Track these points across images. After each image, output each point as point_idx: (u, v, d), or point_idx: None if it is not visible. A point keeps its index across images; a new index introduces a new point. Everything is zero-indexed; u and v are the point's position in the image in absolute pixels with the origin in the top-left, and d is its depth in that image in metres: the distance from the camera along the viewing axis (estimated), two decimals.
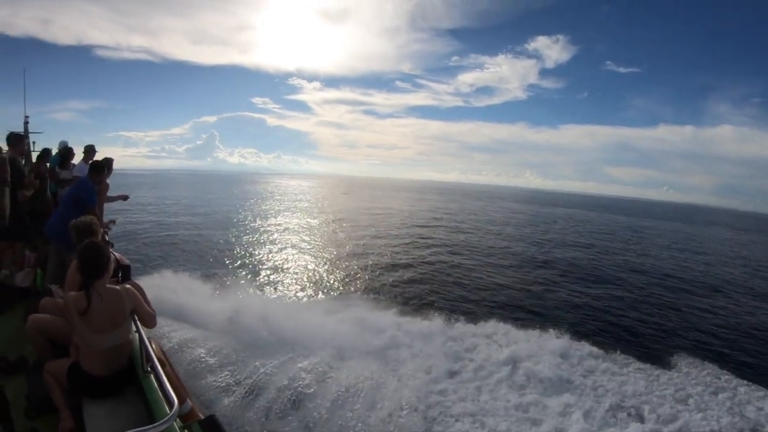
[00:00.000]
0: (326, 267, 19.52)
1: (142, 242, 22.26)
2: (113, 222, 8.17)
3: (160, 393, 3.17)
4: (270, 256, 21.53)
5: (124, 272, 4.37)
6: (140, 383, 3.47)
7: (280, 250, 23.23)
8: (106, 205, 7.47)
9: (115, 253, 4.50)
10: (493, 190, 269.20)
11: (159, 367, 3.17)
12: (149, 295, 3.95)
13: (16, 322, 4.80)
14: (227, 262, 19.39)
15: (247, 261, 19.98)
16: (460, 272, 19.92)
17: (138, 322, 3.58)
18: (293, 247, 24.14)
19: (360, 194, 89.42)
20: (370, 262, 20.43)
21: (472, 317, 12.93)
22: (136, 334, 3.59)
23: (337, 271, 18.72)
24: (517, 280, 19.14)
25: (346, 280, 17.46)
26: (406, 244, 26.89)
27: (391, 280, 17.48)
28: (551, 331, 11.85)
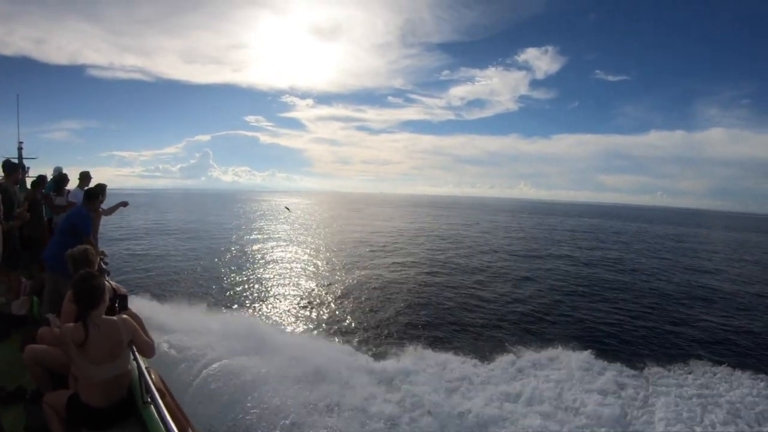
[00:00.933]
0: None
1: (138, 267, 22.10)
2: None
3: (160, 424, 3.12)
4: (269, 282, 21.01)
5: (121, 302, 4.37)
6: (140, 414, 3.44)
7: (283, 276, 22.44)
8: (109, 218, 7.42)
9: (112, 282, 4.51)
10: (490, 202, 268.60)
11: (158, 398, 3.14)
12: (148, 316, 3.93)
13: (12, 351, 4.76)
14: (222, 285, 19.26)
15: (246, 285, 19.72)
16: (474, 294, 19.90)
17: (136, 353, 3.57)
18: (296, 275, 23.04)
19: (361, 212, 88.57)
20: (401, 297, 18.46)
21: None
22: (135, 364, 3.56)
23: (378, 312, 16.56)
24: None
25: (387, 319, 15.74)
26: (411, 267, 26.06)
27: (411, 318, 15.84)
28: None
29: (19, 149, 13.04)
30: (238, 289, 18.77)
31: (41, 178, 9.57)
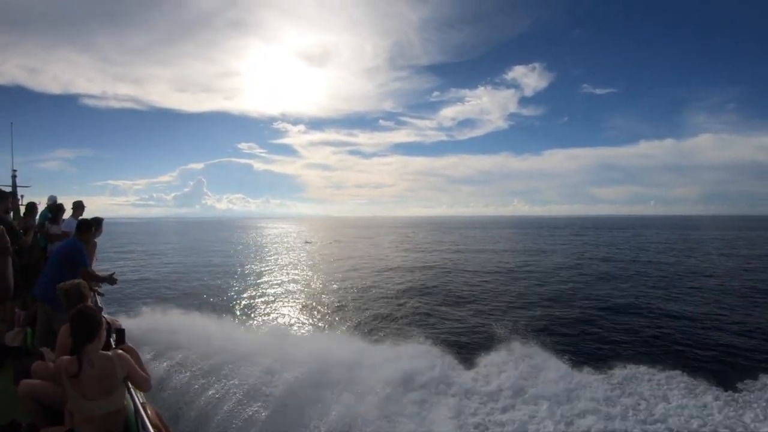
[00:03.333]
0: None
1: (133, 299, 21.33)
2: (114, 279, 6.96)
3: None
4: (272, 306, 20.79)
5: (118, 336, 4.33)
6: None
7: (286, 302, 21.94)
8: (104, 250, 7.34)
9: (107, 317, 4.47)
10: (485, 220, 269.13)
11: None
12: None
13: (6, 384, 4.60)
14: (223, 308, 18.90)
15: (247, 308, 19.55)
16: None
17: (132, 389, 3.51)
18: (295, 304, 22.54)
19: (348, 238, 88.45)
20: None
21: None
22: (131, 400, 3.49)
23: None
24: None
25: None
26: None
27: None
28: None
29: (13, 177, 13.03)
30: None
31: (32, 206, 9.57)
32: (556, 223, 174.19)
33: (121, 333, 4.40)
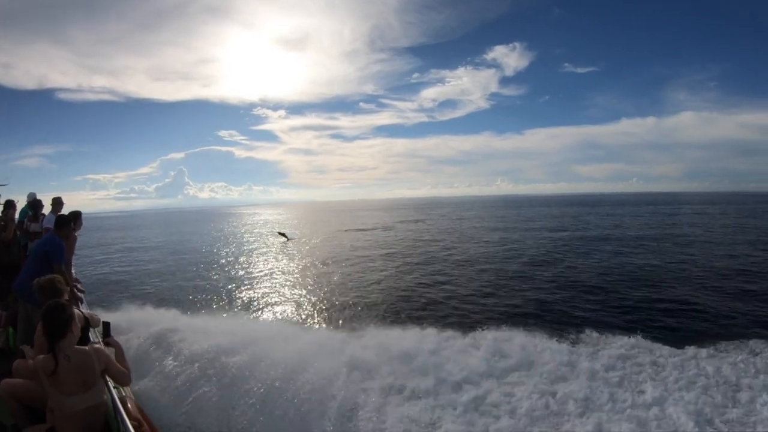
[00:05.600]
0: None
1: (116, 292, 21.03)
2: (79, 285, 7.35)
3: None
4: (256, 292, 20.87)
5: (105, 329, 4.29)
6: None
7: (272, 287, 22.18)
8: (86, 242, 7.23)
9: (84, 311, 4.40)
10: (470, 200, 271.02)
11: (132, 430, 3.01)
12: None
13: None
14: (207, 299, 18.89)
15: (234, 299, 19.38)
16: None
17: (111, 383, 3.50)
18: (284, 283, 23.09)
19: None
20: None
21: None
22: (111, 395, 3.45)
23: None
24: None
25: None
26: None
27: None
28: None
29: None
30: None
31: (9, 203, 9.41)
32: (539, 201, 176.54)
33: (106, 326, 4.33)
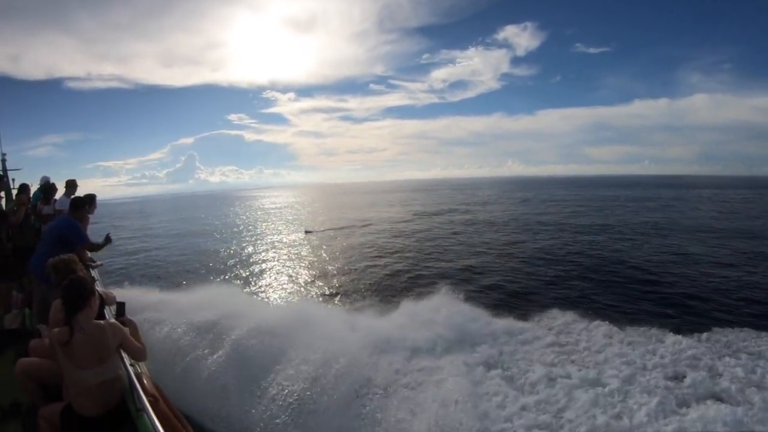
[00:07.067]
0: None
1: (128, 275, 21.53)
2: (109, 239, 7.39)
3: None
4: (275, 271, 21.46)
5: (118, 309, 4.32)
6: (135, 422, 3.34)
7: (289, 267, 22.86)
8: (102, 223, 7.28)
9: (101, 290, 4.42)
10: (483, 182, 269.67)
11: (148, 406, 3.08)
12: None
13: (7, 367, 4.59)
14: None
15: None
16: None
17: (127, 359, 3.51)
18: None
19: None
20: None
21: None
22: (128, 371, 3.49)
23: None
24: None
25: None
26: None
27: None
28: None
29: (3, 161, 12.98)
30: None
31: (24, 186, 9.49)
32: (551, 182, 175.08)
33: (121, 306, 4.36)
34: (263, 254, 26.78)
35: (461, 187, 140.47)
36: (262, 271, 21.42)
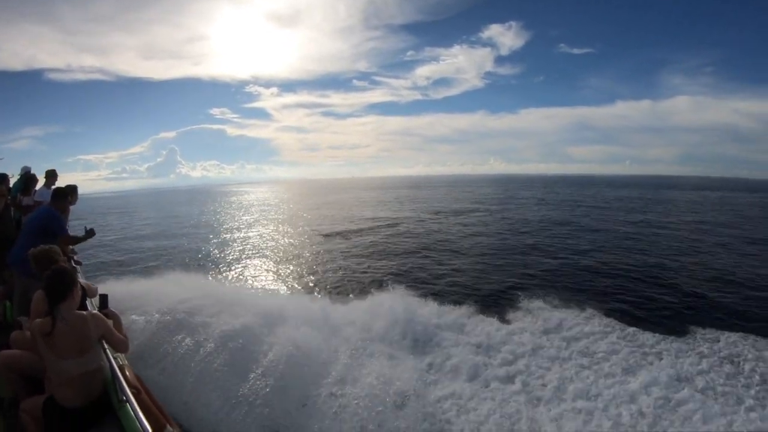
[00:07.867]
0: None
1: (110, 267, 21.51)
2: (93, 232, 7.23)
3: (136, 423, 3.09)
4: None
5: (102, 301, 4.30)
6: (117, 414, 3.40)
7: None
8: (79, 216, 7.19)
9: (83, 282, 4.40)
10: (465, 179, 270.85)
11: (131, 397, 3.12)
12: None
13: None
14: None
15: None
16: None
17: (110, 350, 3.54)
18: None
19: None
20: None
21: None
22: (110, 363, 3.52)
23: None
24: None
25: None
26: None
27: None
28: None
29: None
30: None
31: (2, 177, 9.35)
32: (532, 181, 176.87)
33: (104, 298, 4.34)
34: (244, 249, 26.76)
35: (451, 185, 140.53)
36: (243, 266, 21.45)
